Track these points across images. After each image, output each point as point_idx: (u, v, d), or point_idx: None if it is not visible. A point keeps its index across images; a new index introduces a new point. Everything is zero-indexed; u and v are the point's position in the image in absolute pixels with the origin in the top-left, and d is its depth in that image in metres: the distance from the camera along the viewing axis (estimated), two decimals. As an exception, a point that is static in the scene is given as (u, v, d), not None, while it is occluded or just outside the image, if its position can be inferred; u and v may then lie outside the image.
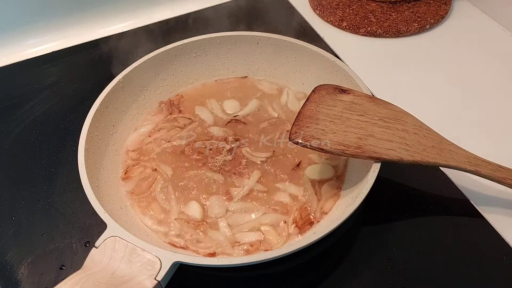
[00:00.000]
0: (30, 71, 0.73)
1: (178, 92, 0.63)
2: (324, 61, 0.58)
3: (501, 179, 0.47)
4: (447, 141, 0.48)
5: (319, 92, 0.50)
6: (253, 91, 0.63)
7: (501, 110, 0.63)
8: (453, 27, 0.78)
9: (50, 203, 0.54)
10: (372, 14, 0.77)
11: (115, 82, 0.55)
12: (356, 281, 0.46)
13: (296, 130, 0.46)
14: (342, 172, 0.53)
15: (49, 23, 0.78)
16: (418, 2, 0.79)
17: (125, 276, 0.39)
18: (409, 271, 0.47)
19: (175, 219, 0.49)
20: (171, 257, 0.40)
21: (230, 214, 0.50)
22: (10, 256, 0.50)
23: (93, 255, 0.40)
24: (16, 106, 0.67)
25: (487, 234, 0.50)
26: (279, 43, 0.61)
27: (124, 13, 0.82)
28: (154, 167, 0.54)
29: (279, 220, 0.49)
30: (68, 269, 0.48)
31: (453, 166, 0.46)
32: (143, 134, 0.58)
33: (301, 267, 0.48)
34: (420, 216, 0.51)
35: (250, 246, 0.47)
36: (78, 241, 0.51)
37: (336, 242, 0.49)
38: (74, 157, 0.47)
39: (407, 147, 0.45)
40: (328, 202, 0.50)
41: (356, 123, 0.47)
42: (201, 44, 0.61)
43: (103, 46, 0.76)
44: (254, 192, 0.51)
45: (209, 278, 0.48)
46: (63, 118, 0.65)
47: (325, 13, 0.79)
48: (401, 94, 0.65)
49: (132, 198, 0.52)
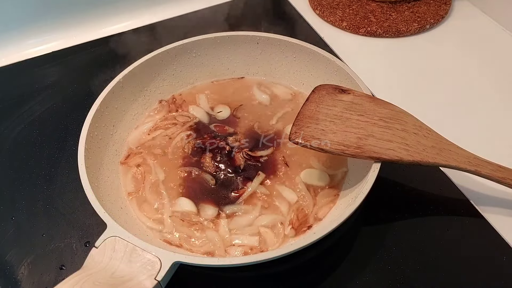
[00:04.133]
0: (30, 71, 0.73)
1: (178, 92, 0.63)
2: (324, 61, 0.58)
3: (501, 179, 0.47)
4: (447, 141, 0.48)
5: (319, 92, 0.50)
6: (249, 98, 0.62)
7: (501, 110, 0.63)
8: (453, 27, 0.78)
9: (50, 203, 0.54)
10: (372, 14, 0.77)
11: (115, 82, 0.55)
12: (356, 281, 0.46)
13: (296, 130, 0.46)
14: (339, 182, 0.52)
15: (49, 23, 0.78)
16: (418, 2, 0.79)
17: (125, 276, 0.39)
18: (409, 271, 0.47)
19: (169, 217, 0.50)
20: (171, 257, 0.40)
21: (228, 215, 0.50)
22: (10, 256, 0.50)
23: (93, 255, 0.40)
24: (16, 106, 0.67)
25: (487, 234, 0.50)
26: (279, 43, 0.61)
27: (124, 13, 0.82)
28: (151, 165, 0.54)
29: (276, 221, 0.49)
30: (68, 269, 0.48)
31: (453, 166, 0.46)
32: (143, 132, 0.58)
33: (301, 267, 0.48)
34: (420, 216, 0.51)
35: (248, 248, 0.47)
36: (78, 241, 0.51)
37: (336, 242, 0.49)
38: (74, 157, 0.47)
39: (407, 147, 0.45)
40: (323, 208, 0.50)
41: (356, 123, 0.47)
42: (201, 44, 0.61)
43: (103, 46, 0.76)
44: (254, 194, 0.51)
45: (209, 278, 0.48)
46: (63, 118, 0.65)
47: (325, 13, 0.79)
48: (401, 94, 0.65)
49: (131, 198, 0.52)
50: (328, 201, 0.50)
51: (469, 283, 0.46)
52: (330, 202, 0.50)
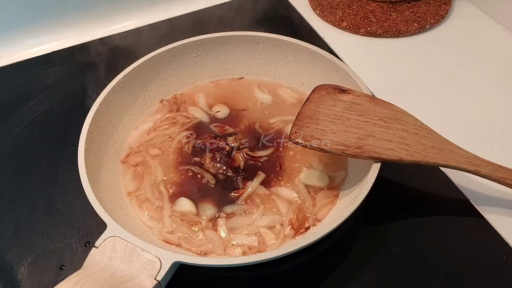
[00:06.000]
0: (30, 71, 0.73)
1: (178, 92, 0.63)
2: (324, 61, 0.58)
3: (501, 179, 0.47)
4: (447, 141, 0.48)
5: (319, 92, 0.50)
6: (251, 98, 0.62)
7: (501, 110, 0.63)
8: (453, 27, 0.78)
9: (50, 203, 0.54)
10: (372, 14, 0.77)
11: (115, 82, 0.55)
12: (356, 281, 0.46)
13: (296, 130, 0.46)
14: (339, 183, 0.52)
15: (49, 23, 0.78)
16: (418, 2, 0.79)
17: (125, 276, 0.39)
18: (409, 271, 0.47)
19: (168, 216, 0.50)
20: (171, 257, 0.40)
21: (228, 215, 0.50)
22: (10, 256, 0.50)
23: (93, 255, 0.40)
24: (16, 106, 0.67)
25: (487, 234, 0.50)
26: (279, 43, 0.61)
27: (124, 13, 0.82)
28: (151, 164, 0.54)
29: (275, 222, 0.49)
30: (68, 269, 0.48)
31: (453, 166, 0.46)
32: (143, 132, 0.58)
33: (301, 267, 0.48)
34: (420, 216, 0.51)
35: (247, 248, 0.47)
36: (78, 241, 0.50)
37: (336, 242, 0.49)
38: (74, 157, 0.47)
39: (407, 147, 0.45)
40: (322, 209, 0.50)
41: (356, 123, 0.47)
42: (201, 44, 0.61)
43: (103, 46, 0.76)
44: (254, 194, 0.51)
45: (209, 278, 0.48)
46: (63, 118, 0.65)
47: (325, 13, 0.79)
48: (401, 94, 0.65)
49: (131, 197, 0.52)
50: (328, 202, 0.50)
51: (469, 283, 0.46)
52: (329, 203, 0.50)
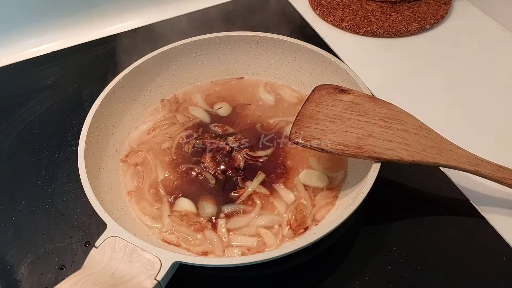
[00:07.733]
0: (30, 71, 0.73)
1: (178, 91, 0.63)
2: (324, 61, 0.58)
3: (501, 179, 0.47)
4: (447, 141, 0.48)
5: (319, 92, 0.50)
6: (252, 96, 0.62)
7: (501, 110, 0.63)
8: (453, 27, 0.78)
9: (50, 203, 0.54)
10: (372, 14, 0.77)
11: (115, 82, 0.55)
12: (356, 281, 0.46)
13: (296, 130, 0.46)
14: (338, 184, 0.52)
15: (49, 23, 0.78)
16: (418, 2, 0.79)
17: (125, 276, 0.39)
18: (409, 271, 0.47)
19: (168, 216, 0.50)
20: (171, 257, 0.40)
21: (227, 215, 0.50)
22: (10, 256, 0.50)
23: (93, 255, 0.40)
24: (16, 106, 0.67)
25: (487, 234, 0.50)
26: (279, 43, 0.61)
27: (124, 13, 0.82)
28: (151, 164, 0.54)
29: (274, 222, 0.49)
30: (68, 269, 0.48)
31: (453, 166, 0.46)
32: (144, 132, 0.58)
33: (302, 267, 0.48)
34: (420, 216, 0.51)
35: (246, 249, 0.47)
36: (78, 241, 0.50)
37: (336, 242, 0.49)
38: (74, 157, 0.47)
39: (407, 147, 0.45)
40: (321, 210, 0.50)
41: (356, 123, 0.47)
42: (201, 44, 0.61)
43: (103, 46, 0.76)
44: (254, 194, 0.51)
45: (209, 278, 0.48)
46: (63, 118, 0.65)
47: (325, 13, 0.79)
48: (401, 94, 0.65)
49: (131, 197, 0.52)
50: (327, 203, 0.50)
51: (469, 283, 0.46)
52: (329, 204, 0.50)
